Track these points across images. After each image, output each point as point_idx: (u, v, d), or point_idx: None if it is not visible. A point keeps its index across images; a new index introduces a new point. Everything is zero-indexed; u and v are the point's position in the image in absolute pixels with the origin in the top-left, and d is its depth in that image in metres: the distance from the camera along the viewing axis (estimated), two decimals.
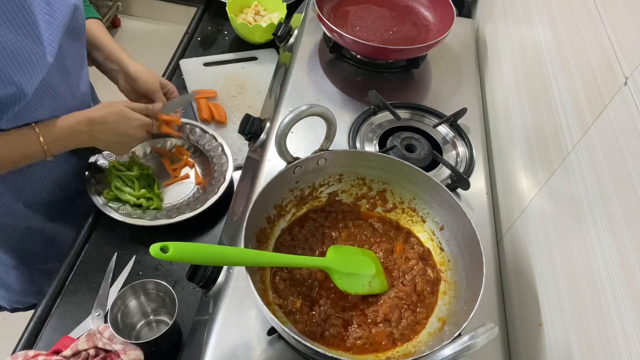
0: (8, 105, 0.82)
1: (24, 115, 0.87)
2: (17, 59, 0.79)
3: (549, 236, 0.71)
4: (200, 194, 1.07)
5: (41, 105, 0.89)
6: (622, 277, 0.54)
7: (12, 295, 1.23)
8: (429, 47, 1.03)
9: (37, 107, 0.88)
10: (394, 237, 0.80)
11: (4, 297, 1.24)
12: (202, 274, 0.74)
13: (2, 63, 0.77)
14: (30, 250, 1.13)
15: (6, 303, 1.27)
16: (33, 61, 0.82)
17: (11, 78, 0.79)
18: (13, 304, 1.27)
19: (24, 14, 0.78)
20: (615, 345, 0.53)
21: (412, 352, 0.66)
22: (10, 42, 0.77)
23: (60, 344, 0.83)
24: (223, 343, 0.68)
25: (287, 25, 1.19)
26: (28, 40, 0.80)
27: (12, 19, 0.77)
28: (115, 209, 1.00)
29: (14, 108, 0.83)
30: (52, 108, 0.91)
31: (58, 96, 0.92)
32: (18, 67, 0.79)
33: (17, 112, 0.84)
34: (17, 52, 0.79)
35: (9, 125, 0.86)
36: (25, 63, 0.80)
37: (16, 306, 1.28)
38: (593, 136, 0.63)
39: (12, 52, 0.78)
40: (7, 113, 0.83)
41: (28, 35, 0.80)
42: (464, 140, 0.99)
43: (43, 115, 0.90)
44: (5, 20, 0.76)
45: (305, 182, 0.79)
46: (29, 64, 0.81)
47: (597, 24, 0.67)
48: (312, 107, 0.69)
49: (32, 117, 0.88)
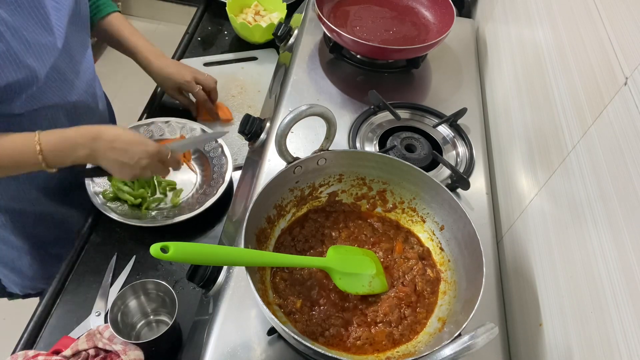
0: (22, 89, 0.84)
1: (36, 98, 0.88)
2: (29, 43, 0.81)
3: (549, 236, 0.71)
4: (200, 195, 1.07)
5: (51, 90, 0.91)
6: (622, 277, 0.54)
7: (24, 280, 1.24)
8: (429, 47, 1.03)
9: (47, 92, 0.90)
10: (394, 237, 0.80)
11: (17, 283, 1.25)
12: (202, 274, 0.74)
13: (15, 47, 0.79)
14: (42, 235, 1.15)
15: (18, 289, 1.28)
16: (44, 45, 0.84)
17: (25, 61, 0.81)
18: (25, 290, 1.28)
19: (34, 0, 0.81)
20: (615, 345, 0.53)
21: (412, 352, 0.66)
22: (22, 26, 0.80)
23: (60, 344, 0.83)
24: (223, 343, 0.68)
25: (287, 25, 1.19)
26: (39, 25, 0.82)
27: (22, 4, 0.80)
28: (113, 209, 1.00)
29: (26, 92, 0.85)
30: (61, 92, 0.93)
31: (66, 81, 0.94)
32: (30, 51, 0.82)
33: (30, 95, 0.86)
34: (29, 36, 0.81)
35: (22, 109, 0.87)
36: (37, 47, 0.83)
37: (28, 291, 1.29)
38: (593, 136, 0.63)
39: (25, 37, 0.80)
40: (20, 96, 0.85)
41: (38, 19, 0.82)
42: (464, 140, 0.99)
43: (53, 99, 0.91)
44: (16, 5, 0.79)
45: (305, 182, 0.79)
46: (41, 47, 0.83)
47: (597, 24, 0.67)
48: (312, 107, 0.69)
49: (43, 102, 0.90)
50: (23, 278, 1.23)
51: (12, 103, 0.85)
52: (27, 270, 1.20)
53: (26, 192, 1.04)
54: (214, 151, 1.13)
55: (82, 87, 0.99)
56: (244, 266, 0.63)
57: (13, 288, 1.28)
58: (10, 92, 0.84)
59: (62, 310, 0.92)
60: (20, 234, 1.12)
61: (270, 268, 0.73)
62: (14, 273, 1.22)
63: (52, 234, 1.16)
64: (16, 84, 0.82)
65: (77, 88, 0.98)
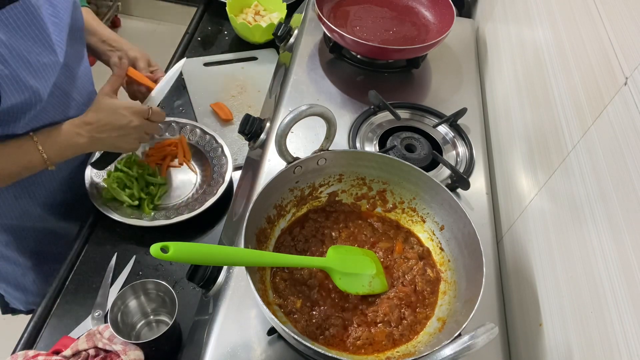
0: (24, 110, 0.83)
1: (39, 118, 0.87)
2: (31, 64, 0.79)
3: (549, 236, 0.71)
4: (200, 195, 1.07)
5: (52, 106, 0.89)
6: (622, 277, 0.54)
7: (28, 297, 1.24)
8: (429, 47, 1.03)
9: (49, 109, 0.88)
10: (394, 237, 0.80)
11: (21, 300, 1.25)
12: (202, 274, 0.74)
13: (17, 69, 0.77)
14: (46, 251, 1.14)
15: (22, 305, 1.27)
16: (46, 65, 0.82)
17: (27, 83, 0.79)
18: (29, 306, 1.28)
19: (32, 19, 0.79)
20: (615, 345, 0.53)
21: (412, 352, 0.66)
22: (23, 48, 0.78)
23: (60, 344, 0.83)
24: (223, 343, 0.68)
25: (287, 25, 1.19)
26: (40, 44, 0.81)
27: (22, 26, 0.78)
28: (113, 209, 1.00)
29: (30, 112, 0.84)
30: (62, 108, 0.92)
31: (68, 96, 0.93)
32: (33, 72, 0.80)
33: (32, 116, 0.85)
34: (31, 57, 0.79)
35: (24, 130, 0.86)
36: (39, 67, 0.81)
37: (32, 307, 1.29)
38: (593, 136, 0.63)
39: (26, 58, 0.78)
40: (23, 118, 0.84)
41: (39, 40, 0.80)
42: (464, 140, 0.99)
43: (55, 116, 0.90)
44: (16, 27, 0.77)
45: (305, 182, 0.79)
46: (43, 68, 0.82)
47: (597, 24, 0.67)
48: (312, 107, 0.69)
49: (46, 120, 0.89)
50: (27, 294, 1.23)
51: (15, 124, 0.84)
52: (31, 287, 1.20)
53: (30, 210, 1.03)
54: (214, 151, 1.13)
55: (81, 101, 0.98)
56: (244, 266, 0.63)
57: (16, 304, 1.27)
58: (13, 114, 0.82)
59: (62, 310, 0.92)
60: (24, 252, 1.11)
61: (270, 268, 0.73)
62: (18, 290, 1.21)
63: (56, 250, 1.15)
64: (19, 105, 0.81)
65: (77, 102, 0.96)
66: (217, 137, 1.14)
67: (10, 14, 0.76)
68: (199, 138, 1.16)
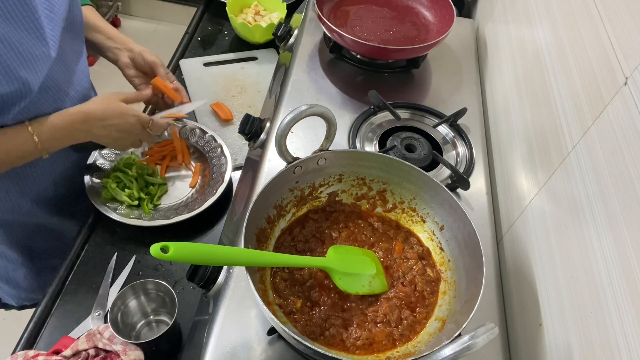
0: (14, 101, 0.82)
1: (29, 110, 0.87)
2: (22, 55, 0.79)
3: (549, 236, 0.71)
4: (199, 195, 1.07)
5: (45, 100, 0.89)
6: (622, 277, 0.54)
7: (20, 292, 1.23)
8: (429, 47, 1.03)
9: (41, 102, 0.88)
10: (394, 237, 0.80)
11: (13, 295, 1.25)
12: (202, 274, 0.74)
13: (7, 59, 0.77)
14: (37, 247, 1.14)
15: (14, 301, 1.27)
16: (37, 56, 0.82)
17: (17, 74, 0.79)
18: (21, 301, 1.27)
19: (26, 9, 0.78)
20: (615, 345, 0.53)
21: (412, 352, 0.66)
22: (15, 38, 0.78)
23: (60, 344, 0.83)
24: (223, 343, 0.68)
25: (287, 25, 1.19)
26: (32, 35, 0.80)
27: (15, 15, 0.77)
28: (113, 209, 1.00)
29: (20, 104, 0.83)
30: (56, 103, 0.91)
31: (60, 91, 0.92)
32: (23, 63, 0.80)
33: (22, 108, 0.84)
34: (22, 47, 0.79)
35: (15, 121, 0.86)
36: (31, 59, 0.81)
37: (24, 303, 1.28)
38: (593, 136, 0.63)
39: (17, 48, 0.78)
40: (13, 109, 0.83)
41: (31, 30, 0.80)
42: (464, 140, 0.99)
43: (47, 110, 0.90)
44: (8, 16, 0.77)
45: (305, 182, 0.79)
46: (34, 59, 0.81)
47: (597, 24, 0.67)
48: (312, 107, 0.69)
49: (36, 113, 0.88)
50: (19, 290, 1.22)
51: (4, 115, 0.84)
52: (23, 282, 1.20)
53: (20, 204, 1.02)
54: (213, 151, 1.13)
55: (76, 97, 0.97)
56: (244, 266, 0.63)
57: (9, 300, 1.27)
58: (2, 104, 0.82)
59: (62, 310, 0.92)
60: (15, 247, 1.10)
61: (270, 268, 0.73)
62: (9, 285, 1.21)
63: (49, 246, 1.15)
64: (8, 96, 0.81)
65: (72, 98, 0.96)
66: (217, 137, 1.14)
67: (4, 2, 0.75)
68: (199, 138, 1.15)
